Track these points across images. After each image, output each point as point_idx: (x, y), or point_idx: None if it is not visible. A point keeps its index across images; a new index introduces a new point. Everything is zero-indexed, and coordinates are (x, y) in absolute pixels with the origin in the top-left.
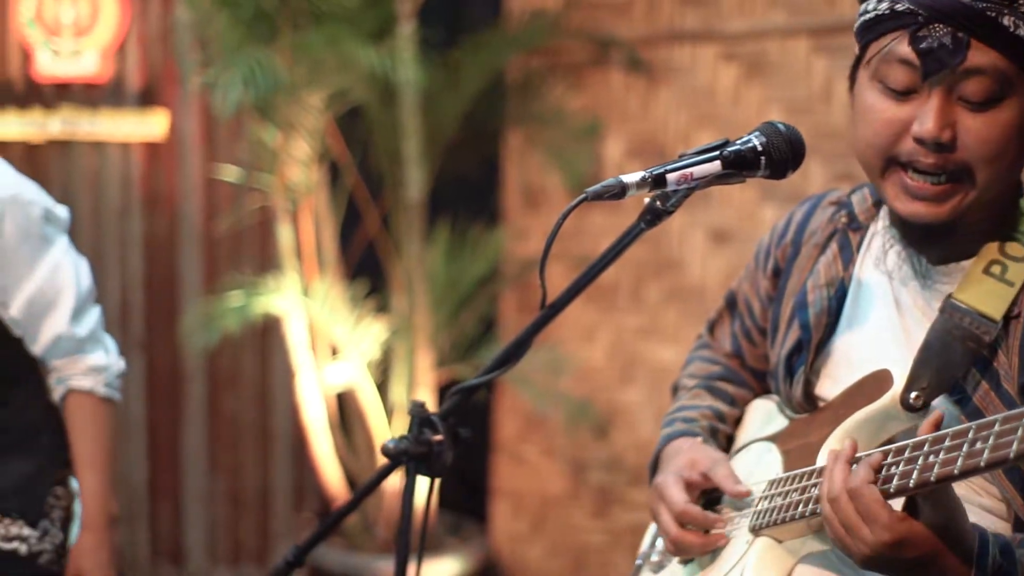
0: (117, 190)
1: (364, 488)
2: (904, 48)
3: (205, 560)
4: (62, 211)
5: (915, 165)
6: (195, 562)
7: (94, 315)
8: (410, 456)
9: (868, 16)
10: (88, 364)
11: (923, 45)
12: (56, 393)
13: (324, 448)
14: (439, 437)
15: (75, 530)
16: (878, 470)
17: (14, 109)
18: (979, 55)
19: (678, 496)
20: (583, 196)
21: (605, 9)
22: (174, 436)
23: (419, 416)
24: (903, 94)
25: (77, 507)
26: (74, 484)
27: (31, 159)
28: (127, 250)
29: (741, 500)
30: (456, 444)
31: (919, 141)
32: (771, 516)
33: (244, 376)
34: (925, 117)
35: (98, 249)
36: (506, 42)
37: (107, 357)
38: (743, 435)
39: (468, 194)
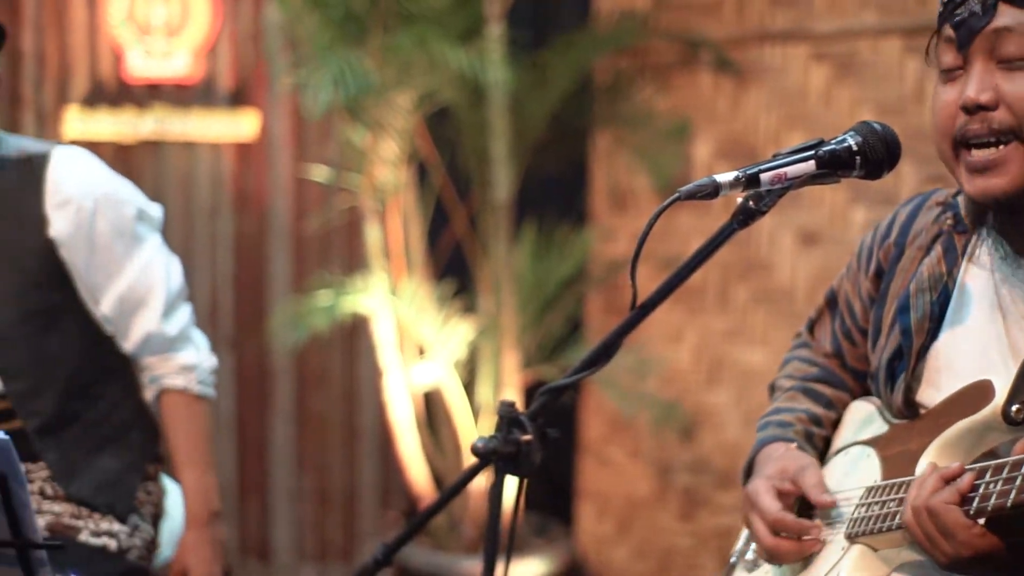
0: (207, 190)
1: (453, 487)
2: (946, 29)
3: (292, 557)
4: (156, 210)
5: (967, 138)
6: (282, 559)
7: (185, 313)
8: (499, 456)
9: (938, 15)
10: (180, 362)
11: (957, 19)
12: (150, 392)
13: (410, 447)
14: (528, 437)
15: (165, 526)
16: (966, 493)
17: (107, 109)
18: (1007, 15)
19: (770, 504)
20: (676, 196)
21: (694, 9)
22: (262, 434)
23: (508, 416)
24: (952, 72)
25: (167, 503)
26: (164, 480)
27: (123, 159)
28: (217, 249)
29: (839, 505)
30: (544, 445)
31: (964, 110)
32: (868, 524)
33: (332, 375)
34: (966, 85)
35: (188, 248)
36: (594, 42)
37: (198, 355)
38: (841, 437)
39: (555, 195)
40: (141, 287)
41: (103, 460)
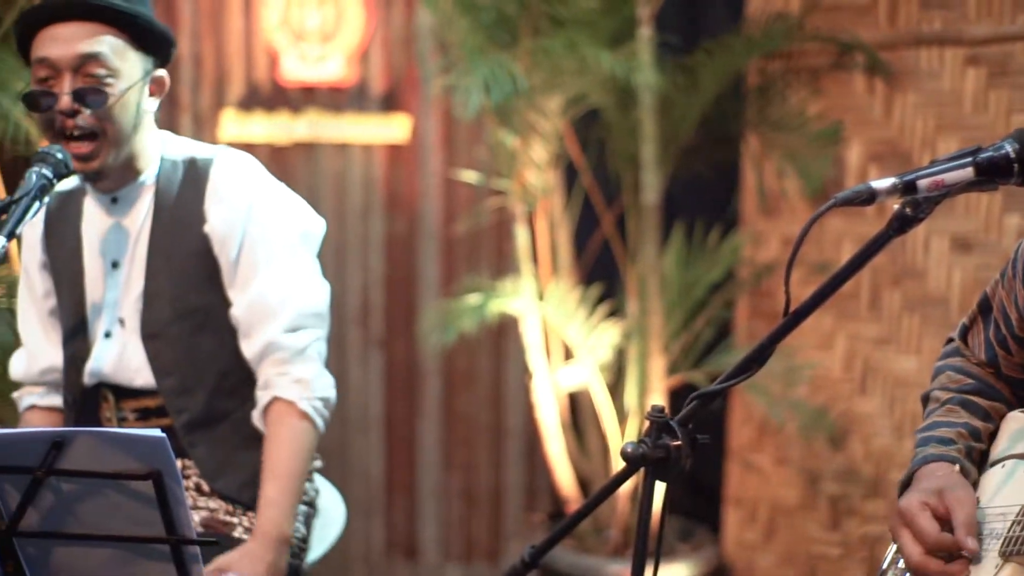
0: (359, 191)
1: (602, 490)
2: None
3: (438, 556)
4: (316, 225)
5: None
6: (428, 558)
7: (313, 335)
8: (649, 461)
9: None
10: (295, 375)
11: None
12: (262, 401)
13: (556, 449)
14: (678, 443)
15: (317, 525)
16: None
17: (262, 112)
18: None
19: (929, 526)
20: (832, 201)
21: (846, 12)
22: (410, 433)
23: (658, 421)
24: None
25: (321, 503)
26: (318, 479)
27: (278, 160)
28: (368, 250)
29: (992, 520)
30: (694, 450)
31: None
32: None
33: (479, 375)
34: None
35: (341, 248)
36: (745, 45)
37: (319, 378)
38: (996, 449)
39: (704, 198)
40: (273, 298)
41: (249, 457)
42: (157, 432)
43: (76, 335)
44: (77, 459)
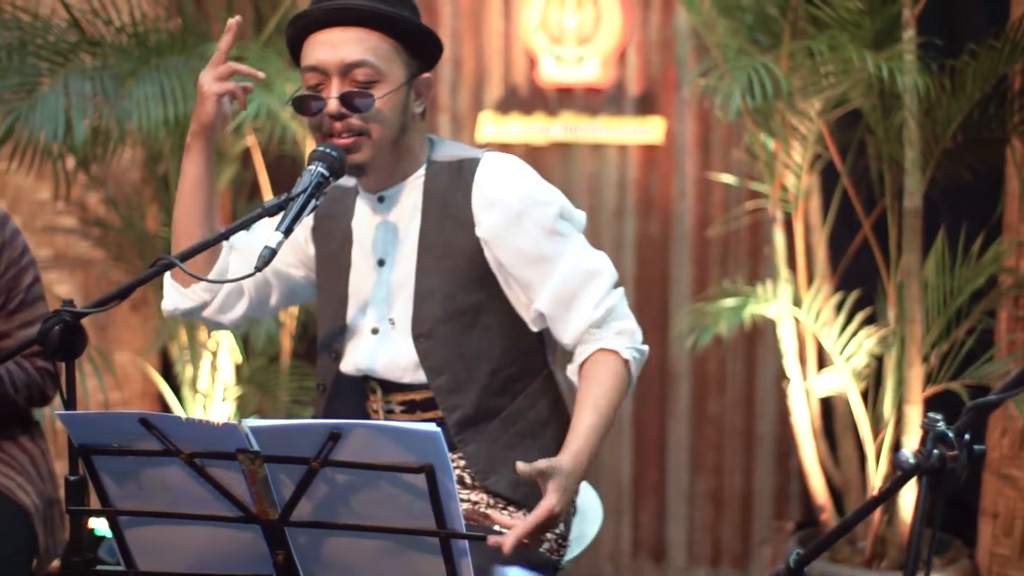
0: (614, 192)
1: (875, 498)
2: None
3: (685, 559)
4: (578, 212)
5: None
6: (675, 561)
7: (618, 297)
8: (923, 471)
9: None
10: (617, 328)
11: None
12: (582, 356)
13: (809, 456)
14: (954, 453)
15: (576, 524)
16: None
17: (518, 114)
18: None
19: None
20: None
21: None
22: (660, 435)
23: (934, 431)
24: None
25: (580, 501)
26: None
27: (533, 161)
28: (621, 250)
29: None
30: (971, 461)
31: None
32: None
33: (731, 379)
34: None
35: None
36: (1011, 49)
37: (637, 329)
38: None
39: (967, 203)
40: (574, 282)
41: (519, 455)
42: (432, 426)
43: (334, 327)
44: (352, 451)
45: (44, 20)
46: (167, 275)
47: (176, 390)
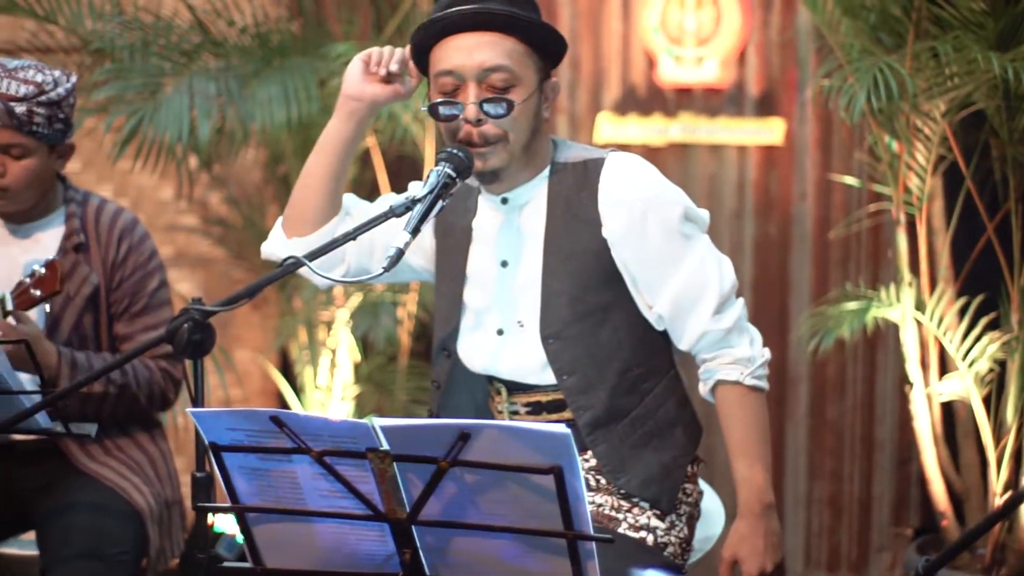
0: (733, 194)
1: (1005, 507)
2: None
3: (802, 565)
4: (702, 212)
5: None
6: (792, 566)
7: (738, 308)
8: None
9: None
10: (734, 356)
11: None
12: (705, 386)
13: (930, 462)
14: None
15: (699, 528)
16: None
17: (636, 115)
18: None
19: None
20: None
21: None
22: (778, 439)
23: None
24: None
25: (704, 504)
26: (701, 483)
27: (651, 162)
28: (739, 253)
29: None
30: None
31: None
32: None
33: (850, 384)
34: None
35: None
36: None
37: (752, 348)
38: None
39: None
40: (694, 286)
41: (649, 455)
42: (562, 427)
43: (451, 326)
44: (481, 451)
45: (166, 21)
46: (278, 221)
47: (295, 388)
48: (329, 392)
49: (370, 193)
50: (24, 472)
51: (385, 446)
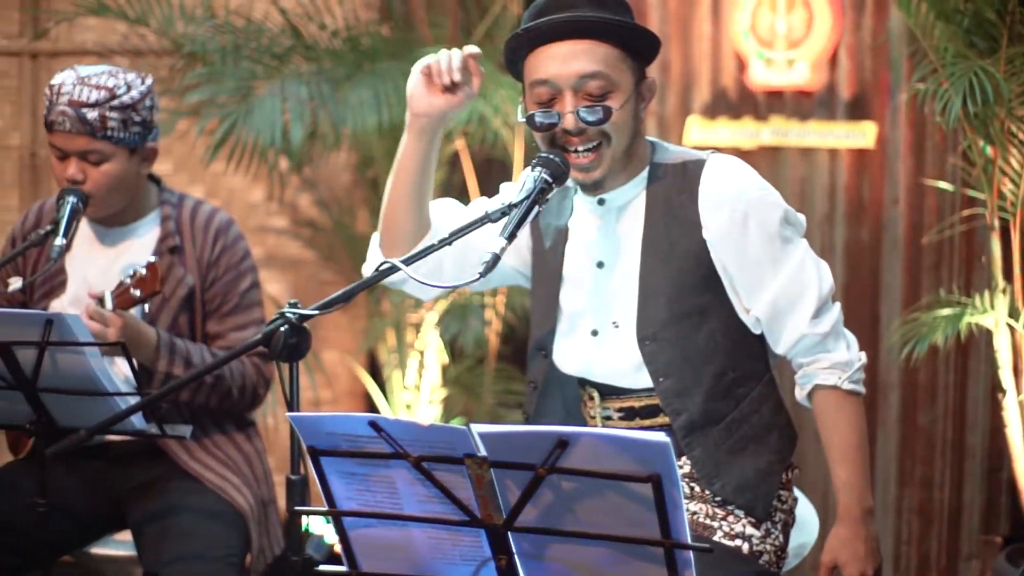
0: (824, 197)
1: None
2: None
3: (891, 572)
4: (800, 216)
5: None
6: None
7: (835, 312)
8: None
9: None
10: (831, 360)
11: None
12: (803, 391)
13: (1022, 470)
14: None
15: (794, 535)
16: None
17: (726, 118)
18: None
19: None
20: None
21: None
22: (869, 446)
23: None
24: None
25: (798, 511)
26: (796, 492)
27: None
28: (830, 257)
29: None
30: None
31: None
32: None
33: (942, 391)
34: None
35: None
36: None
37: (849, 353)
38: None
39: None
40: (793, 290)
41: (744, 461)
42: (661, 435)
43: (547, 326)
44: (578, 458)
45: (257, 24)
46: (374, 237)
47: (383, 390)
48: (417, 393)
49: (459, 196)
50: (121, 472)
51: (483, 452)
